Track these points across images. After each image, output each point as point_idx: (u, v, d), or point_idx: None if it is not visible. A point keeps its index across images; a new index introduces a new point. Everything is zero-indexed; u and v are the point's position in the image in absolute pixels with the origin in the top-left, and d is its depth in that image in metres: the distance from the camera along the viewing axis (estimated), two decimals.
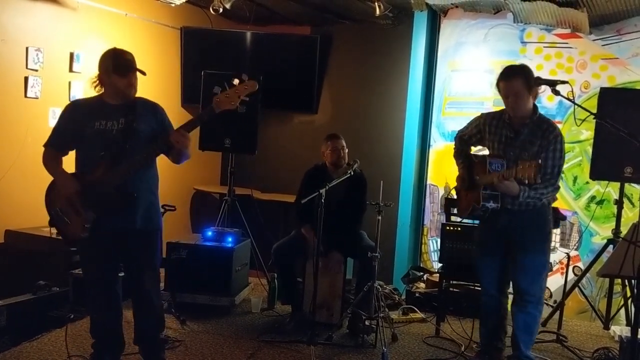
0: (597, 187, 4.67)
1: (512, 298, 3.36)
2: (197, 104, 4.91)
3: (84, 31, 4.65)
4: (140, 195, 2.84)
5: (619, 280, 4.22)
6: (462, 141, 3.45)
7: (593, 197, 4.74)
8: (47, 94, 4.38)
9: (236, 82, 2.82)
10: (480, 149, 3.44)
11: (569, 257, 4.28)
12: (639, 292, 2.68)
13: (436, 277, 4.47)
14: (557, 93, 2.93)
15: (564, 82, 3.01)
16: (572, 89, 3.08)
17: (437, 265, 4.91)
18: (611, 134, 3.39)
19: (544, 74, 4.72)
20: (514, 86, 3.06)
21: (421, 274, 4.89)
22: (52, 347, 3.40)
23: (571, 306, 4.65)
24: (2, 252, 4.08)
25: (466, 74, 5.23)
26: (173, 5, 5.06)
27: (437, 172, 5.36)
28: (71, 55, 4.57)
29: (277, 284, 4.41)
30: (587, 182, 4.69)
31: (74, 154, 2.93)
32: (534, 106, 3.14)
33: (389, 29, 5.48)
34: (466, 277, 4.15)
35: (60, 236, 2.95)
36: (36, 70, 4.30)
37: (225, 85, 2.81)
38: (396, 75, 5.46)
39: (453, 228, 4.09)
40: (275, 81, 5.10)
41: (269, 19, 5.78)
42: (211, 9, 4.95)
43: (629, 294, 4.08)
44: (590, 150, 4.25)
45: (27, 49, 4.23)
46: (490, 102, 5.03)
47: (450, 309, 4.32)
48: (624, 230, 4.08)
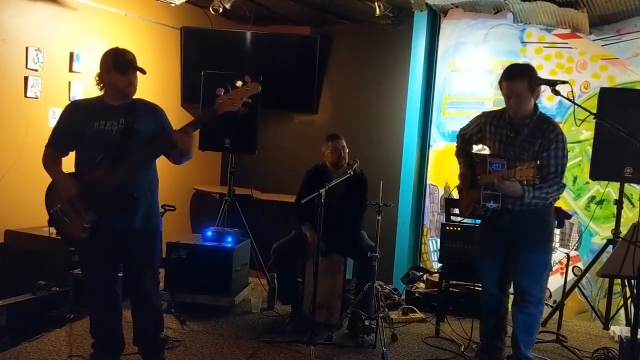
0: (597, 187, 4.67)
1: (512, 298, 3.36)
2: (197, 104, 4.91)
3: (84, 31, 4.65)
4: (140, 196, 2.84)
5: (618, 281, 4.22)
6: (463, 140, 3.44)
7: (593, 197, 4.74)
8: (47, 94, 4.38)
9: (239, 84, 2.81)
10: (482, 147, 3.44)
11: (568, 257, 4.28)
12: (639, 292, 2.68)
13: (436, 277, 4.47)
14: (557, 93, 2.92)
15: (564, 82, 2.99)
16: (572, 89, 3.06)
17: (436, 266, 4.91)
18: (611, 134, 3.39)
19: (544, 74, 4.72)
20: (516, 87, 3.03)
21: (421, 274, 4.89)
22: (51, 347, 3.40)
23: (571, 306, 4.65)
24: (2, 252, 4.08)
25: (466, 74, 5.23)
26: (173, 5, 5.06)
27: (437, 172, 5.36)
28: (71, 55, 4.57)
29: (277, 284, 4.42)
30: (587, 182, 4.69)
31: (74, 154, 2.93)
32: (535, 105, 3.12)
33: (389, 29, 5.48)
34: (466, 277, 4.15)
35: (60, 236, 2.95)
36: (36, 70, 4.30)
37: (228, 87, 2.80)
38: (396, 75, 5.46)
39: (453, 228, 4.09)
40: (275, 81, 5.09)
41: (269, 19, 5.78)
42: (211, 9, 4.95)
43: (628, 294, 4.08)
44: (590, 150, 4.25)
45: (27, 48, 4.23)
46: (490, 102, 5.03)
47: (450, 309, 4.32)
48: (623, 230, 4.08)
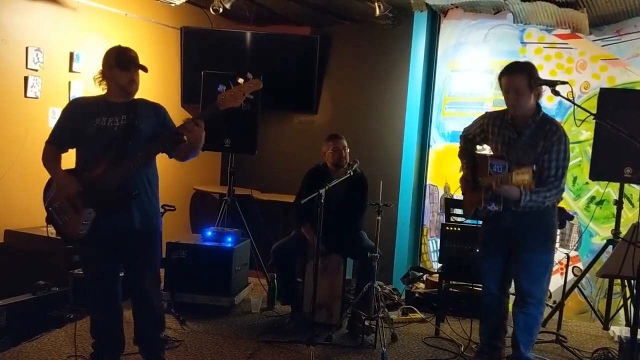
0: (597, 188, 4.67)
1: (513, 298, 3.36)
2: (197, 104, 4.91)
3: (84, 31, 4.65)
4: (139, 194, 2.83)
5: (618, 281, 4.22)
6: (466, 140, 3.43)
7: (593, 198, 4.74)
8: (47, 94, 4.39)
9: (241, 81, 2.81)
10: (482, 147, 3.43)
11: (568, 258, 4.28)
12: (639, 292, 2.68)
13: (436, 277, 4.47)
14: (557, 93, 2.92)
15: (563, 82, 2.99)
16: (572, 89, 3.05)
17: (436, 266, 4.91)
18: (611, 135, 3.39)
19: (544, 74, 4.71)
20: (515, 82, 3.03)
21: (421, 274, 4.89)
22: (51, 347, 3.40)
23: (571, 306, 4.65)
24: (2, 252, 4.08)
25: (466, 74, 5.23)
26: (173, 5, 5.06)
27: (436, 173, 5.36)
28: (71, 55, 4.57)
29: (276, 284, 4.41)
30: (587, 183, 4.69)
31: (74, 150, 2.92)
32: (537, 106, 3.11)
33: (389, 29, 5.48)
34: (466, 278, 4.14)
35: (58, 234, 2.95)
36: (36, 70, 4.30)
37: (230, 84, 2.81)
38: (396, 75, 5.46)
39: (453, 228, 4.09)
40: (275, 81, 5.07)
41: (269, 19, 5.78)
42: (211, 9, 4.95)
43: (628, 294, 4.08)
44: (590, 150, 4.25)
45: (27, 48, 4.23)
46: (490, 102, 5.04)
47: (450, 309, 4.32)
48: (623, 230, 4.08)
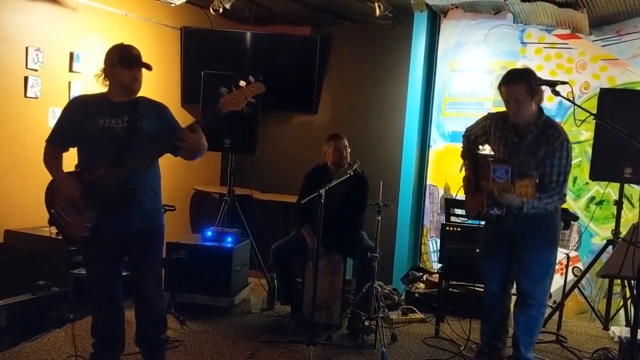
0: (597, 188, 4.67)
1: (515, 299, 3.36)
2: (197, 104, 4.91)
3: (83, 31, 4.65)
4: (141, 194, 2.82)
5: (618, 281, 4.22)
6: (469, 141, 3.42)
7: (593, 198, 4.74)
8: (46, 94, 4.38)
9: (242, 84, 2.79)
10: (487, 148, 3.42)
11: (568, 258, 4.28)
12: (639, 292, 2.68)
13: (436, 277, 4.47)
14: (557, 94, 2.92)
15: (563, 82, 2.98)
16: (572, 89, 3.05)
17: (436, 266, 4.91)
18: (611, 135, 3.39)
19: (544, 74, 4.72)
20: (514, 92, 3.01)
21: (421, 274, 4.89)
22: (51, 347, 3.40)
23: (571, 307, 4.65)
24: (2, 252, 4.08)
25: (466, 74, 5.23)
26: (173, 5, 5.06)
27: (436, 173, 5.36)
28: (71, 55, 4.57)
29: (276, 284, 4.41)
30: (587, 183, 4.69)
31: (75, 150, 2.90)
32: (540, 110, 3.09)
33: (389, 29, 5.48)
34: (466, 278, 4.15)
35: (61, 235, 2.94)
36: (36, 70, 4.30)
37: (232, 86, 2.78)
38: (396, 75, 5.46)
39: (453, 228, 4.09)
40: (275, 81, 5.04)
41: (269, 19, 5.78)
42: (211, 9, 4.95)
43: (628, 294, 4.08)
44: (590, 150, 4.25)
45: (27, 48, 4.23)
46: (490, 102, 5.03)
47: (450, 310, 4.32)
48: (623, 231, 4.08)
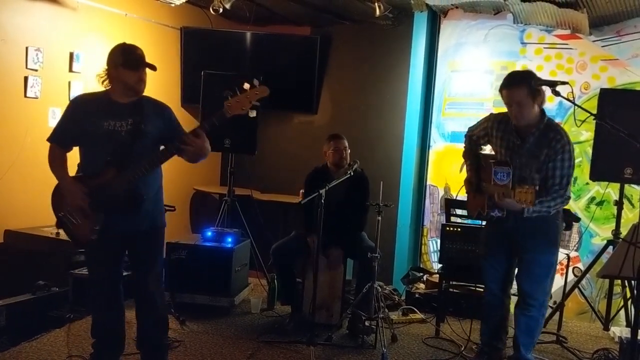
0: (597, 188, 4.67)
1: (515, 300, 3.35)
2: (196, 104, 4.91)
3: (83, 31, 4.65)
4: (147, 196, 2.82)
5: (618, 281, 4.22)
6: (471, 141, 3.42)
7: (593, 198, 4.74)
8: (46, 94, 4.38)
9: (246, 86, 2.77)
10: (489, 148, 3.41)
11: (568, 258, 4.28)
12: (639, 293, 2.68)
13: (436, 277, 4.47)
14: (557, 94, 2.91)
15: (564, 83, 2.98)
16: (572, 89, 3.04)
17: (436, 266, 4.91)
18: (611, 135, 3.39)
19: (544, 75, 4.72)
20: (516, 95, 3.01)
21: (421, 274, 4.89)
22: (51, 347, 3.40)
23: (571, 307, 4.65)
24: (2, 252, 4.08)
25: (466, 74, 5.23)
26: (173, 5, 5.06)
27: (437, 173, 5.35)
28: (71, 55, 4.57)
29: (276, 285, 4.41)
30: (587, 183, 4.69)
31: (77, 151, 2.90)
32: (542, 112, 3.08)
33: (389, 29, 5.47)
34: (466, 278, 4.15)
35: (70, 239, 2.93)
36: (36, 70, 4.29)
37: (236, 89, 2.76)
38: (396, 75, 5.45)
39: (453, 229, 4.09)
40: (275, 81, 4.99)
41: (269, 19, 5.78)
42: (211, 9, 4.95)
43: (628, 295, 4.08)
44: (590, 151, 4.24)
45: (26, 48, 4.22)
46: (490, 102, 5.03)
47: (450, 310, 4.32)
48: (623, 231, 4.08)
